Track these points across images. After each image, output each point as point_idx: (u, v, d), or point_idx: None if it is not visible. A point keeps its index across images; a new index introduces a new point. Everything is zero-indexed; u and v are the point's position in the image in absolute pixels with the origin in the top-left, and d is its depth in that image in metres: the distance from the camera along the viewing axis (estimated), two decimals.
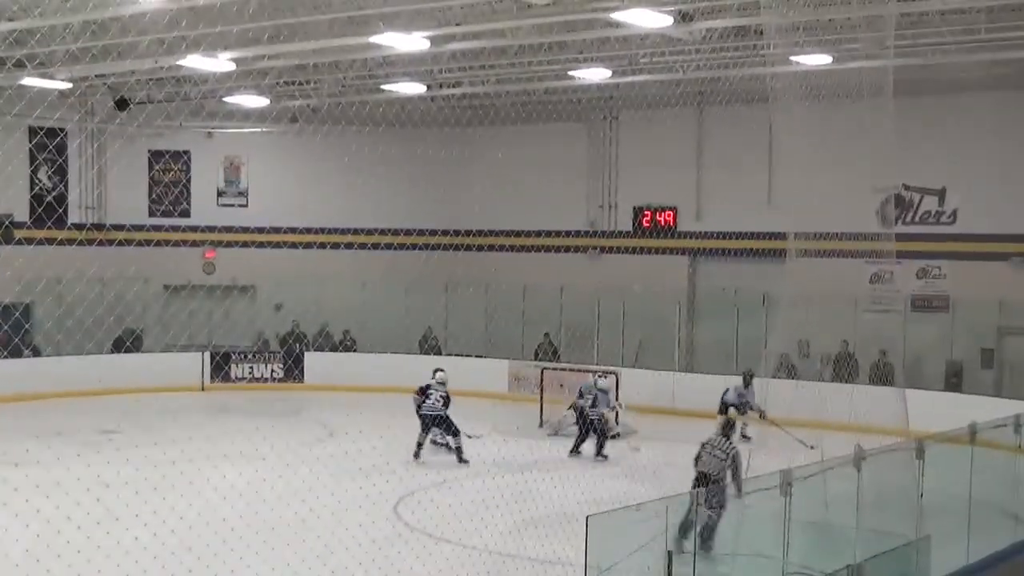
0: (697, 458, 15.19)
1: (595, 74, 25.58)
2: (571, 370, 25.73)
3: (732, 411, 22.70)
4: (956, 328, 26.78)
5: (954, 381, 26.05)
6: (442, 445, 21.60)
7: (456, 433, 21.14)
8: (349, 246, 33.25)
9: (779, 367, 19.80)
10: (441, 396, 21.30)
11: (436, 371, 22.15)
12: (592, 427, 22.03)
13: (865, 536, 11.57)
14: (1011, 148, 26.40)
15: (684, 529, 11.51)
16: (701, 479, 14.80)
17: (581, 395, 23.40)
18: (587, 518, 10.19)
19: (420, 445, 21.19)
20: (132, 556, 13.56)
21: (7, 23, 20.37)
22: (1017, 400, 21.10)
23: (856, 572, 10.47)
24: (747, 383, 23.31)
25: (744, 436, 21.80)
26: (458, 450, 21.08)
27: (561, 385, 25.29)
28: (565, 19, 20.15)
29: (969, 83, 25.27)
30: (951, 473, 14.74)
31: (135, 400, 27.04)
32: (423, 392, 21.48)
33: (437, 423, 21.16)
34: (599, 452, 21.86)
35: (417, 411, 21.44)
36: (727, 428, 15.74)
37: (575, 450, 22.07)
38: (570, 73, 25.75)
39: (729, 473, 14.65)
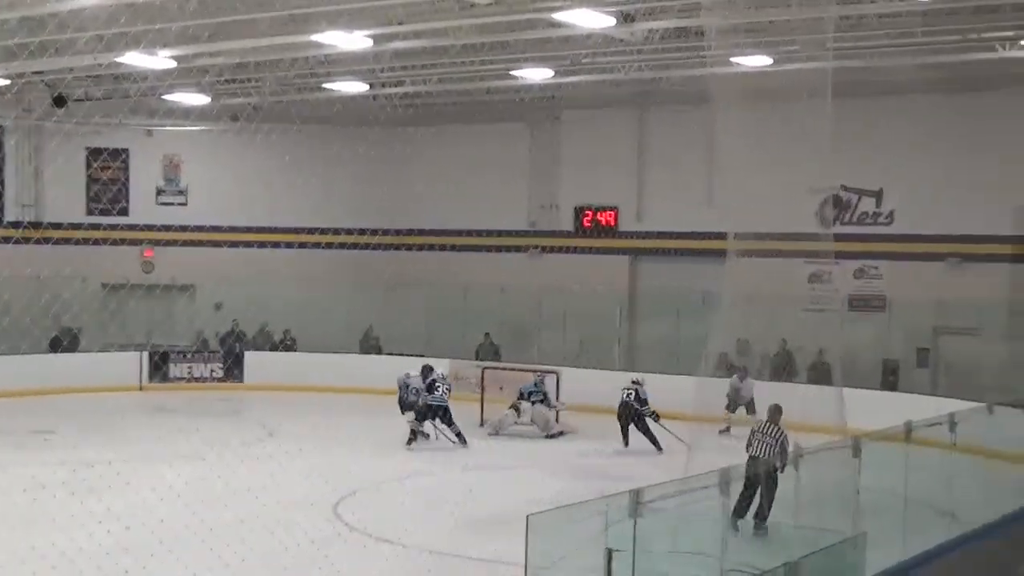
0: (748, 443, 15.87)
1: (537, 74, 25.65)
2: (512, 370, 25.75)
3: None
4: (892, 328, 27.08)
5: (891, 380, 26.33)
6: (425, 436, 22.35)
7: (452, 423, 22.23)
8: (290, 245, 33.10)
9: (719, 366, 19.93)
10: (448, 388, 22.50)
11: (428, 368, 23.23)
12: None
13: (802, 533, 11.68)
14: (947, 150, 26.73)
15: (739, 511, 12.93)
16: (753, 463, 15.35)
17: (522, 396, 23.52)
18: (527, 517, 10.21)
19: (416, 433, 22.09)
20: (67, 557, 13.39)
21: None
22: (952, 399, 21.31)
23: (793, 569, 10.53)
24: (742, 379, 24.00)
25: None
26: (459, 436, 22.17)
27: (501, 388, 25.35)
28: (507, 19, 20.18)
29: (906, 86, 25.55)
30: (887, 471, 14.90)
31: (72, 400, 26.73)
32: (430, 386, 22.39)
33: (440, 414, 22.10)
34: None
35: (412, 402, 22.43)
36: (775, 414, 16.36)
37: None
38: (512, 73, 25.80)
39: (778, 456, 15.23)
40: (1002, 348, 25.32)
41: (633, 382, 22.95)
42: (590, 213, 32.07)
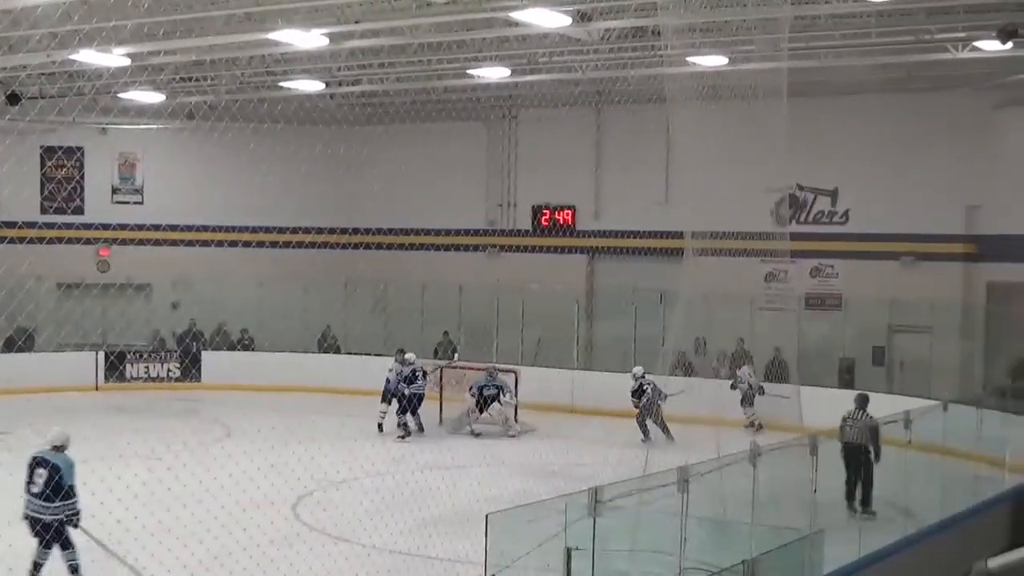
0: (841, 430, 16.67)
1: (494, 73, 25.67)
2: (470, 368, 25.75)
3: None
4: (848, 326, 27.30)
5: (847, 378, 26.54)
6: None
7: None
8: (247, 244, 32.89)
9: (676, 365, 20.04)
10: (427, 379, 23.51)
11: (403, 353, 23.85)
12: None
13: (760, 531, 11.76)
14: (901, 150, 27.01)
15: (849, 496, 16.00)
16: (847, 449, 16.44)
17: (476, 392, 23.61)
18: (487, 516, 10.23)
19: (406, 425, 23.15)
20: (24, 560, 13.32)
21: None
22: (907, 396, 21.54)
23: (751, 567, 10.62)
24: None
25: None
26: (420, 426, 23.46)
27: (456, 383, 25.33)
28: (464, 18, 20.17)
29: (860, 86, 25.82)
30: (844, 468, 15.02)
31: (27, 400, 26.50)
32: (411, 376, 23.26)
33: (418, 403, 23.11)
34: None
35: (394, 391, 23.31)
36: (863, 402, 17.38)
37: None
38: (469, 72, 25.80)
39: (871, 441, 16.30)
40: (955, 346, 25.61)
41: (646, 374, 23.18)
42: (548, 212, 32.15)
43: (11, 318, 29.18)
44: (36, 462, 13.58)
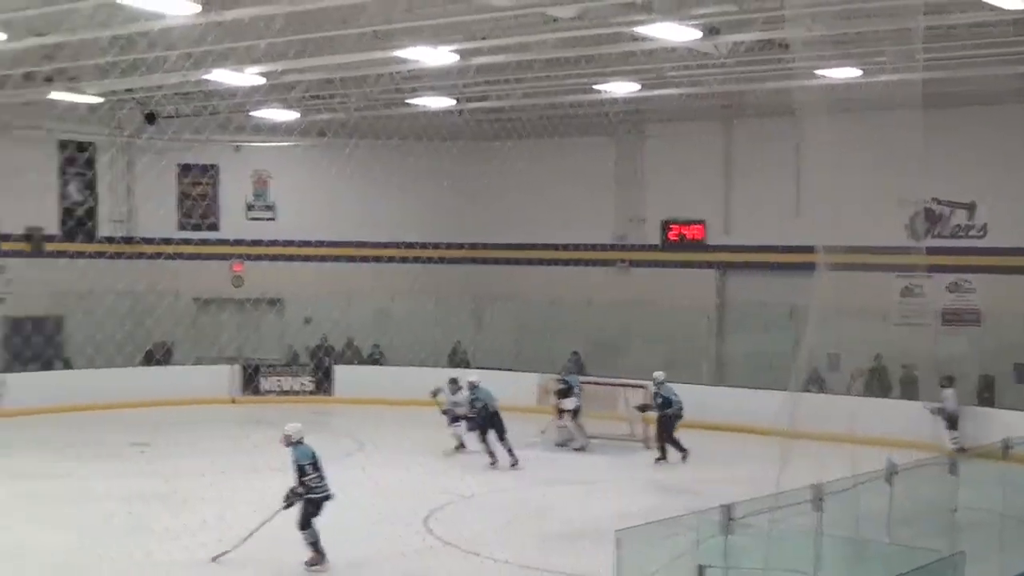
0: None
1: (621, 88, 25.53)
2: (599, 384, 25.62)
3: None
4: (987, 342, 26.58)
5: (986, 396, 25.86)
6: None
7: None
8: (377, 260, 33.27)
9: (809, 381, 19.73)
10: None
11: (457, 380, 23.05)
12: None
13: (897, 551, 11.52)
14: None
15: None
16: None
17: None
18: (617, 532, 10.18)
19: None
20: (162, 569, 13.62)
21: (37, 38, 20.54)
22: None
23: None
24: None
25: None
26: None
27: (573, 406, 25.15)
28: (591, 33, 20.14)
29: (997, 96, 25.18)
30: (984, 488, 14.67)
31: (165, 412, 27.14)
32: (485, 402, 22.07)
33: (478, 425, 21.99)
34: None
35: (466, 413, 22.39)
36: None
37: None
38: (596, 87, 25.71)
39: None
40: None
41: (665, 382, 22.79)
42: (677, 227, 31.89)
43: (149, 332, 30.00)
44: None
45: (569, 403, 23.54)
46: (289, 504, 14.14)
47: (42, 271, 29.64)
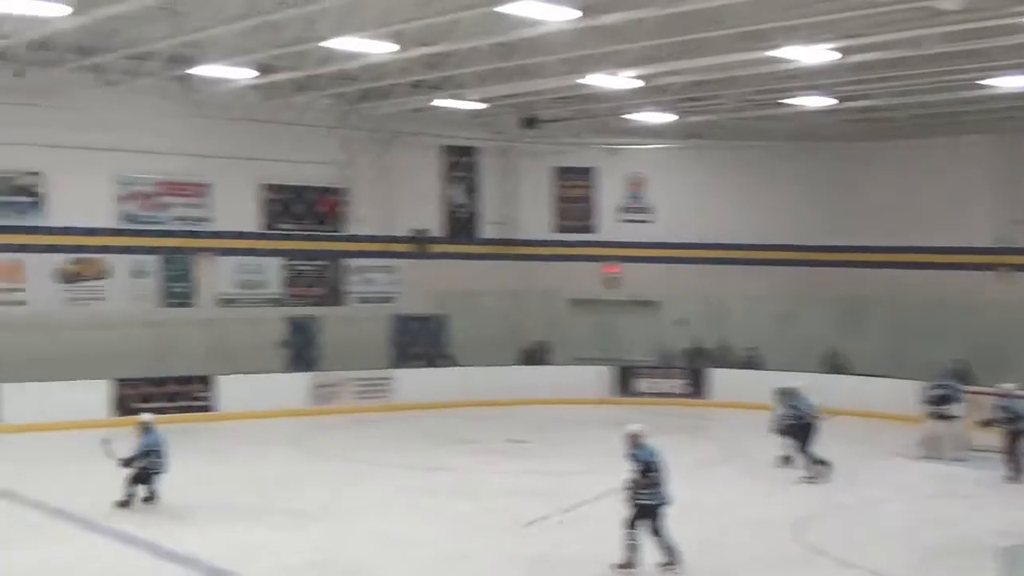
0: None
1: (1010, 82, 24.08)
2: (986, 394, 24.24)
3: None
4: None
5: None
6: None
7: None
8: (747, 262, 32.91)
9: None
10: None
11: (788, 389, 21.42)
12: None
13: None
14: None
15: None
16: None
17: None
18: (1000, 549, 9.68)
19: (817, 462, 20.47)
20: (539, 566, 13.93)
21: (423, 47, 21.53)
22: None
23: None
24: None
25: None
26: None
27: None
28: (980, 26, 19.12)
29: None
30: None
31: (543, 411, 27.83)
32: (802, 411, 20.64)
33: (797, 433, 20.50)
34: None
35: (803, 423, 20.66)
36: None
37: None
38: (980, 82, 24.34)
39: None
40: None
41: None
42: None
43: (529, 332, 30.89)
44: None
45: (948, 411, 22.38)
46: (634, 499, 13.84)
47: (427, 271, 31.06)
